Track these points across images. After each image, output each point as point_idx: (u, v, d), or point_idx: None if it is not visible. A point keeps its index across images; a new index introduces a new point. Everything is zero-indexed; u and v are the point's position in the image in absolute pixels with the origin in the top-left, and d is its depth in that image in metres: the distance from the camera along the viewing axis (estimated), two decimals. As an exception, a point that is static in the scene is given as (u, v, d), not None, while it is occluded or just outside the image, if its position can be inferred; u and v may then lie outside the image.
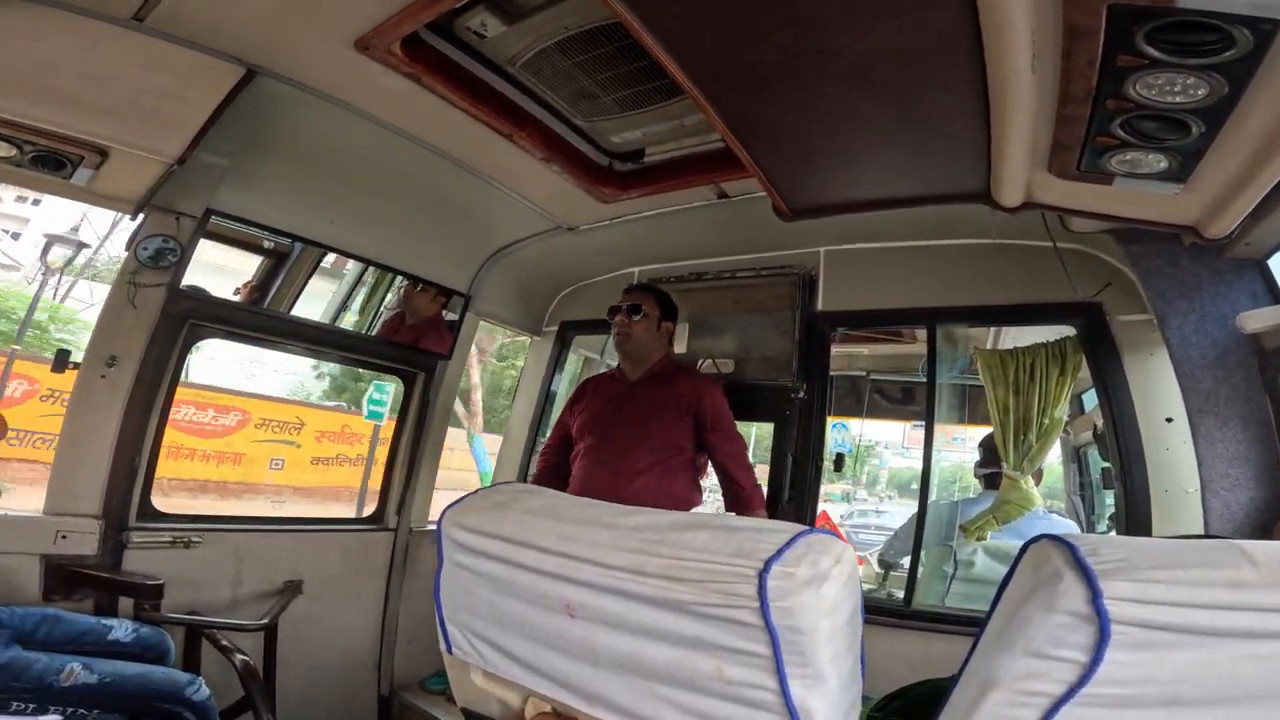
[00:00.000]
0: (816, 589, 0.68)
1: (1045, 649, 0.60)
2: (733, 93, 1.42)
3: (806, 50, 1.21)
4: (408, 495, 3.02)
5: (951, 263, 2.49)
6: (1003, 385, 2.43)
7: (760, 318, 2.81)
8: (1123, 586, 0.57)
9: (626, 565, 0.78)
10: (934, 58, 1.16)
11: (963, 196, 1.66)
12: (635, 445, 2.42)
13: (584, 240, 2.93)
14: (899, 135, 1.47)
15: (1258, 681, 0.56)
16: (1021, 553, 0.68)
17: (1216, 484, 1.68)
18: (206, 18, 1.65)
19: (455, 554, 0.96)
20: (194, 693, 1.85)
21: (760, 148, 1.62)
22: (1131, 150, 1.21)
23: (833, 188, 1.78)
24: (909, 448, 10.94)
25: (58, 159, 1.74)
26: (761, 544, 0.73)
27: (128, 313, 2.11)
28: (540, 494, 1.00)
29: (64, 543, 2.03)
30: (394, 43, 1.74)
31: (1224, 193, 1.29)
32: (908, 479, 16.57)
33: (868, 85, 1.29)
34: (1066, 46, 1.00)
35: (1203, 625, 0.56)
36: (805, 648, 0.68)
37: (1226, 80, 0.97)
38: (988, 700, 0.62)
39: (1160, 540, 0.67)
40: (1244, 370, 1.67)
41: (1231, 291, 1.67)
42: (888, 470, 16.23)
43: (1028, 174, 1.45)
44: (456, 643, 0.99)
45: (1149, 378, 2.12)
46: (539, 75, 2.02)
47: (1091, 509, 3.09)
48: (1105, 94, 1.07)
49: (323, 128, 2.17)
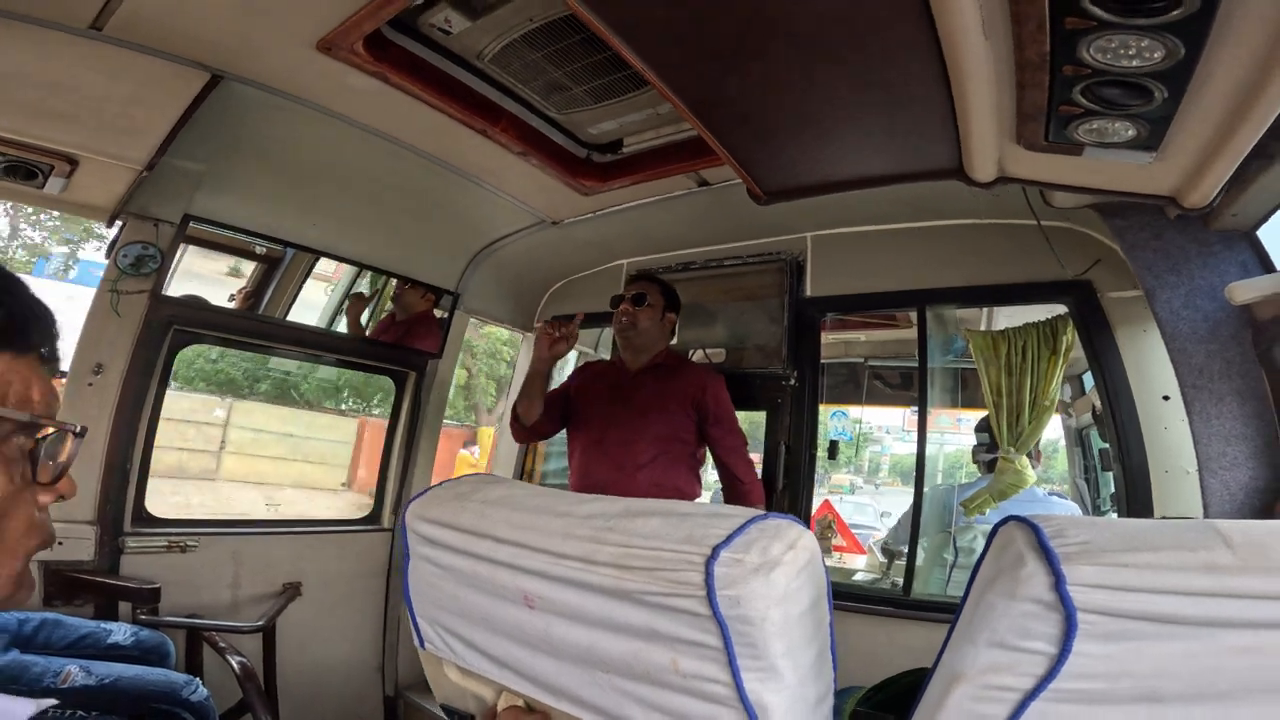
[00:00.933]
0: (765, 576, 0.64)
1: (1010, 639, 0.56)
2: (690, 73, 1.40)
3: (755, 21, 1.17)
4: (403, 494, 3.03)
5: (939, 244, 2.44)
6: (995, 367, 2.39)
7: (749, 306, 2.78)
8: (1087, 571, 0.53)
9: (578, 554, 0.76)
10: (883, 23, 1.12)
11: (937, 173, 1.62)
12: (637, 437, 2.39)
13: (569, 234, 2.91)
14: (863, 108, 1.44)
15: (1246, 676, 0.51)
16: (991, 535, 0.64)
17: (1214, 463, 1.62)
18: (165, 25, 1.65)
19: (420, 547, 0.94)
20: (191, 693, 1.87)
21: (726, 129, 1.59)
22: (1096, 119, 1.16)
23: (805, 168, 1.74)
24: (909, 431, 10.75)
25: (28, 168, 1.76)
26: (712, 530, 0.69)
27: (111, 320, 2.13)
28: (501, 484, 0.97)
29: (61, 549, 2.07)
30: (356, 42, 1.73)
31: (1198, 160, 1.24)
32: (910, 466, 16.12)
33: (821, 54, 1.25)
34: (1014, 9, 0.97)
35: (1177, 613, 0.51)
36: (755, 639, 0.65)
37: (1181, 42, 0.92)
38: (954, 694, 0.58)
39: (1132, 521, 0.62)
40: (1237, 344, 1.61)
41: (1220, 263, 1.61)
42: (889, 457, 15.75)
43: (997, 147, 1.40)
44: (429, 638, 0.98)
45: (1143, 355, 2.06)
46: (509, 69, 2.00)
47: (1096, 492, 3.03)
48: (1061, 60, 1.03)
49: (296, 130, 2.17)
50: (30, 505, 0.64)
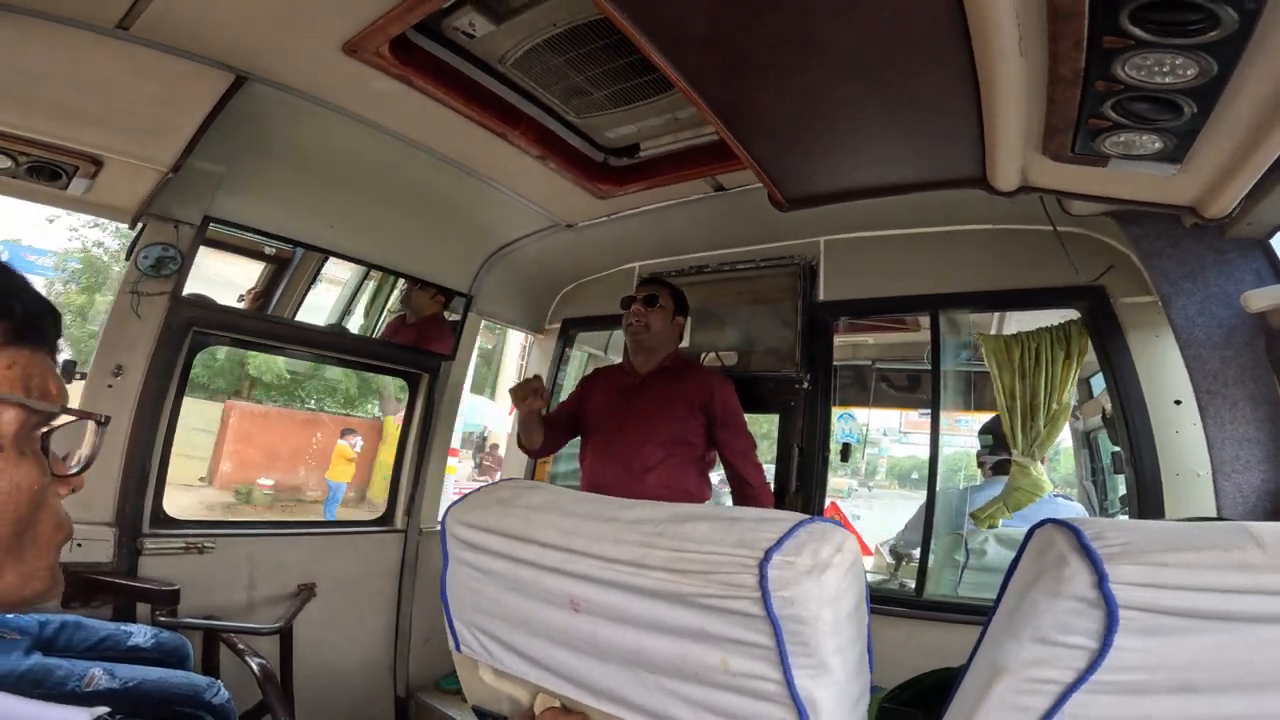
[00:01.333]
0: (818, 578, 0.67)
1: (1053, 635, 0.58)
2: (722, 84, 1.41)
3: (794, 37, 1.20)
4: (416, 496, 3.04)
5: (952, 249, 2.46)
6: (1008, 371, 2.41)
7: (762, 309, 2.80)
8: (1129, 570, 0.56)
9: (628, 558, 0.78)
10: (922, 42, 1.14)
11: (959, 182, 1.64)
12: (646, 440, 2.41)
13: (583, 237, 2.93)
14: (891, 121, 1.46)
15: (1274, 668, 0.54)
16: (1027, 538, 0.67)
17: (1227, 466, 1.65)
18: (192, 25, 1.65)
19: (460, 551, 0.97)
20: (214, 696, 1.87)
21: (753, 138, 1.61)
22: (1125, 132, 1.19)
23: (827, 176, 1.76)
24: (906, 433, 10.72)
25: (53, 169, 1.76)
26: (762, 533, 0.72)
27: (132, 322, 2.13)
28: (542, 489, 0.99)
29: (79, 550, 2.07)
30: (382, 45, 1.74)
31: (1221, 173, 1.27)
32: (909, 468, 15.94)
33: (857, 71, 1.27)
34: (1052, 28, 0.99)
35: (1212, 609, 0.54)
36: (808, 638, 0.67)
37: (1215, 60, 0.95)
38: (997, 688, 0.61)
39: (1165, 523, 0.65)
40: (1251, 350, 1.64)
41: (1235, 271, 1.64)
42: (886, 459, 15.64)
43: (1022, 157, 1.42)
44: (465, 641, 1.00)
45: (1155, 360, 2.09)
46: (530, 73, 2.01)
47: (1104, 494, 3.06)
48: (1094, 76, 1.05)
49: (317, 132, 2.18)
50: (57, 499, 0.64)
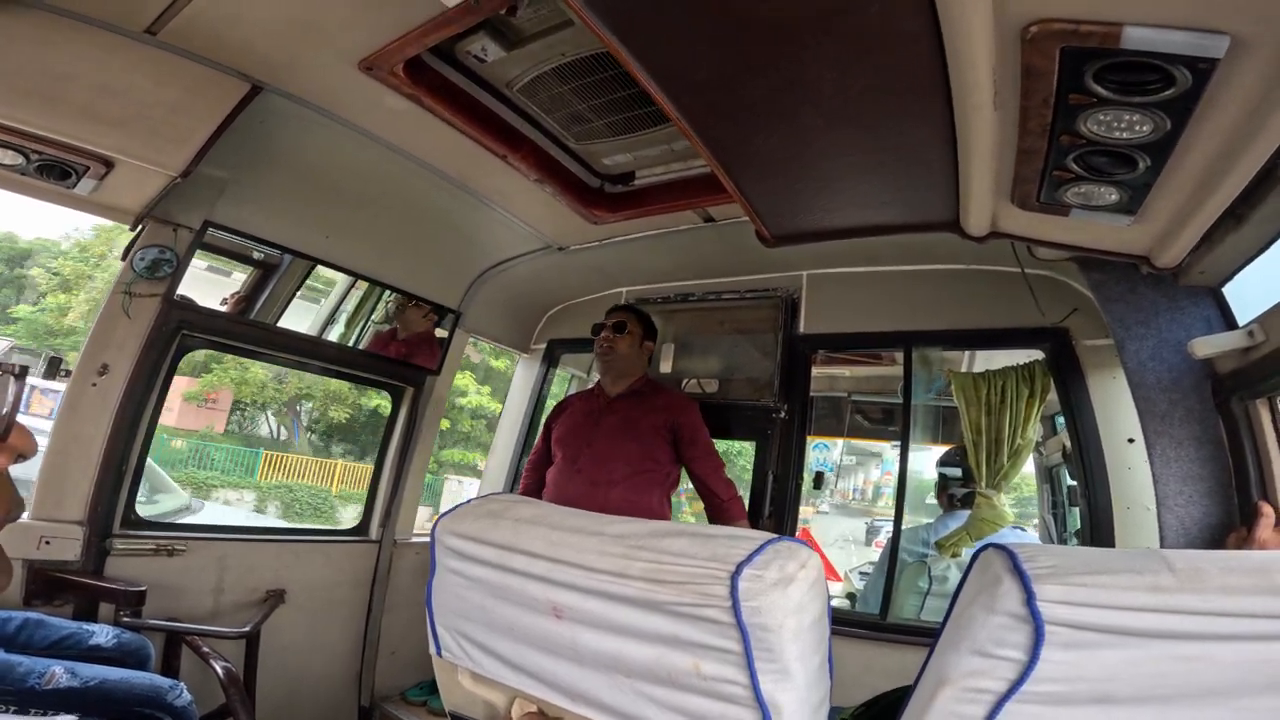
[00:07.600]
0: (783, 590, 0.75)
1: (988, 648, 0.64)
2: (720, 125, 1.50)
3: (791, 87, 1.29)
4: (393, 508, 3.03)
5: (928, 288, 2.59)
6: (976, 406, 2.52)
7: (744, 339, 2.89)
8: (1054, 589, 0.62)
9: (610, 569, 0.84)
10: (906, 95, 1.24)
11: (934, 225, 1.75)
12: (611, 458, 2.50)
13: (573, 260, 3.00)
14: (875, 167, 1.56)
15: (1185, 681, 0.60)
16: (973, 560, 0.74)
17: (1171, 500, 1.74)
18: (217, 33, 1.70)
19: (448, 560, 1.01)
20: (176, 698, 1.85)
21: (745, 177, 1.69)
22: (1085, 184, 1.29)
23: (813, 216, 1.85)
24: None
25: (64, 168, 1.77)
26: (734, 549, 0.79)
27: (121, 322, 2.13)
28: (530, 504, 1.05)
29: (47, 548, 2.04)
30: (397, 65, 1.81)
31: (1171, 224, 1.38)
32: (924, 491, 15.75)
33: (847, 120, 1.37)
34: (1025, 86, 1.09)
35: (1128, 626, 0.60)
36: (773, 644, 0.74)
37: (1169, 117, 1.05)
38: (940, 697, 0.67)
39: (1094, 549, 0.73)
40: (1197, 393, 1.75)
41: (1187, 318, 1.75)
42: (891, 474, 15.65)
43: (993, 205, 1.53)
44: (446, 646, 1.04)
45: (1112, 400, 2.21)
46: (535, 99, 2.10)
47: (1063, 526, 3.17)
48: (1060, 130, 1.16)
49: (323, 144, 2.23)
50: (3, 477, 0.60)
